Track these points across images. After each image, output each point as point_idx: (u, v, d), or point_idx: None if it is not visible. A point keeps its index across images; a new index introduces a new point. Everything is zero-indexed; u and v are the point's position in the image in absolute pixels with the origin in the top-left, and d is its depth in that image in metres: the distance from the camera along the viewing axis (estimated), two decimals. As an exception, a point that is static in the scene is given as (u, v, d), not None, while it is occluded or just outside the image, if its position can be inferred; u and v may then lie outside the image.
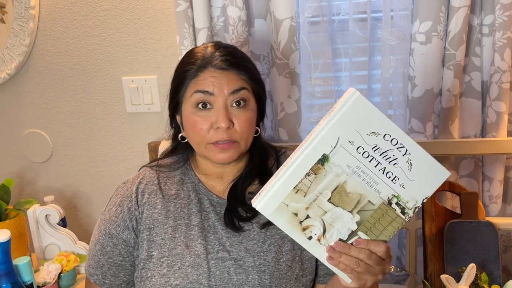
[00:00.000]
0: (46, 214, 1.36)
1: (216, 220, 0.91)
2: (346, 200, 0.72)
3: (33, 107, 1.61)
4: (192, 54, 0.91)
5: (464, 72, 1.33)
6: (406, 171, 0.72)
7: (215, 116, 0.86)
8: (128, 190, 0.95)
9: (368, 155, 0.71)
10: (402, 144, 0.71)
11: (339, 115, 0.69)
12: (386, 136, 0.71)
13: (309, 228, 0.72)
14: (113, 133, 1.59)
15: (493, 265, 1.24)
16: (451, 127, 1.34)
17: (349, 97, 0.69)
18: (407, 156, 0.71)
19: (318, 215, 0.72)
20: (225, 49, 0.90)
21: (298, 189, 0.71)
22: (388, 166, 0.71)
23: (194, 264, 0.87)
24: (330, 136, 0.70)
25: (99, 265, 0.95)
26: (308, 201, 0.72)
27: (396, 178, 0.72)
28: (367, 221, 0.73)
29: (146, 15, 1.46)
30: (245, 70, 0.89)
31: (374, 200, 0.72)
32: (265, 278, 0.87)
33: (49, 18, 1.51)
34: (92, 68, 1.54)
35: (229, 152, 0.87)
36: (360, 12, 1.34)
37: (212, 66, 0.87)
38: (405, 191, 0.72)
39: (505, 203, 1.42)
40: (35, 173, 1.67)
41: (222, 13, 1.37)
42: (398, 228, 0.74)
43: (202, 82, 0.87)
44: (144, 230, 0.91)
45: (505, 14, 1.22)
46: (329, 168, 0.71)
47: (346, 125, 0.70)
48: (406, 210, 0.73)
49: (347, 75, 1.41)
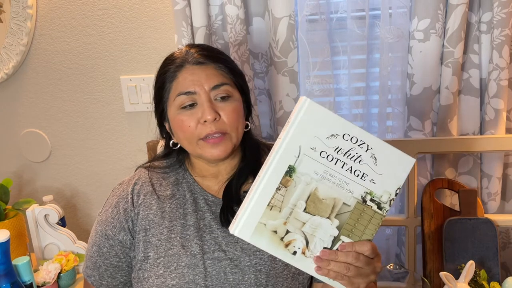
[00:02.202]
0: (45, 214, 1.36)
1: (211, 219, 0.91)
2: (321, 207, 0.72)
3: (31, 106, 1.60)
4: (168, 58, 0.93)
5: (462, 70, 1.33)
6: (373, 166, 0.72)
7: (201, 111, 0.87)
8: (124, 191, 0.95)
9: (332, 158, 0.72)
10: (362, 141, 0.72)
11: (296, 124, 0.71)
12: (345, 136, 0.71)
13: (291, 243, 0.72)
14: (112, 132, 1.59)
15: (492, 262, 1.24)
16: (450, 124, 1.34)
17: (302, 105, 0.70)
18: (370, 151, 0.72)
19: (298, 228, 0.72)
20: (199, 46, 0.93)
21: (272, 206, 0.71)
22: (354, 165, 0.72)
23: (190, 264, 0.87)
24: (291, 146, 0.71)
25: (96, 266, 0.95)
26: (285, 216, 0.71)
27: (364, 175, 0.73)
28: (347, 224, 0.73)
29: (144, 13, 1.46)
30: (222, 62, 0.90)
31: (349, 201, 0.73)
32: (261, 277, 0.87)
33: (46, 18, 1.51)
34: (90, 67, 1.53)
35: (221, 146, 0.87)
36: (358, 10, 1.34)
37: (188, 63, 0.89)
38: (376, 186, 0.73)
39: (504, 200, 1.43)
40: (34, 173, 1.67)
41: (220, 12, 1.36)
42: (379, 224, 0.74)
43: (182, 83, 0.88)
44: (140, 231, 0.91)
45: (503, 11, 1.22)
46: (298, 178, 0.71)
47: (304, 132, 0.71)
48: (382, 204, 0.73)
49: (345, 73, 1.41)
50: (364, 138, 0.72)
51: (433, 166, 1.42)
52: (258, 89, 1.44)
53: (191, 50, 0.90)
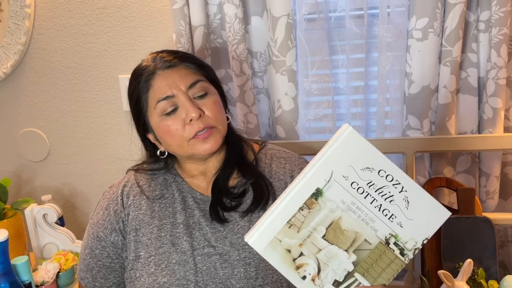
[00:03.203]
0: (43, 213, 1.36)
1: (200, 216, 0.92)
2: (342, 238, 0.70)
3: (29, 106, 1.60)
4: (136, 70, 0.93)
5: (460, 69, 1.33)
6: (404, 209, 0.70)
7: (184, 112, 0.87)
8: (114, 193, 0.97)
9: (363, 191, 0.69)
10: (398, 181, 0.69)
11: (333, 149, 0.69)
12: (381, 172, 0.69)
13: (303, 266, 0.70)
14: (110, 131, 1.58)
15: (490, 261, 1.25)
16: (448, 123, 1.34)
17: (343, 131, 0.69)
18: (403, 193, 0.69)
19: (313, 253, 0.70)
20: (164, 51, 0.93)
21: (291, 224, 0.69)
22: (384, 203, 0.70)
23: (180, 261, 0.88)
24: (323, 169, 0.69)
25: (88, 268, 0.97)
26: (302, 237, 0.69)
27: (393, 216, 0.70)
28: (364, 262, 0.70)
29: (142, 12, 1.45)
30: (190, 61, 0.92)
31: (371, 239, 0.70)
32: (250, 271, 0.88)
33: (44, 17, 1.51)
34: (88, 67, 1.53)
35: (212, 140, 0.88)
36: (356, 8, 1.34)
37: (159, 69, 0.89)
38: (403, 230, 0.70)
39: (502, 198, 1.43)
40: (32, 172, 1.67)
41: (219, 11, 1.36)
42: (398, 271, 0.71)
43: (158, 89, 0.88)
44: (131, 232, 0.93)
45: (501, 10, 1.22)
46: (323, 203, 0.69)
47: (340, 159, 0.69)
48: (405, 251, 0.70)
49: (344, 72, 1.41)
50: (401, 179, 0.69)
51: (431, 165, 1.42)
52: (256, 88, 1.44)
53: (158, 56, 0.91)
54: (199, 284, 0.87)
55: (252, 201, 0.92)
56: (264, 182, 0.94)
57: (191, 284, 0.87)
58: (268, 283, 0.88)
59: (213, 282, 0.87)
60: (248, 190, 0.94)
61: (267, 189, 0.93)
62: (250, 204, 0.92)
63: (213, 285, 0.87)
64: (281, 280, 0.89)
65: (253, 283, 0.87)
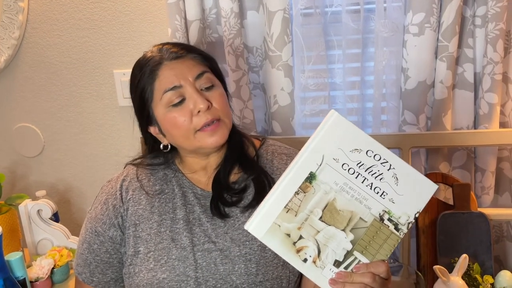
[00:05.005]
0: (38, 209, 1.35)
1: (201, 212, 0.92)
2: (338, 218, 0.73)
3: (23, 101, 1.59)
4: (141, 61, 0.92)
5: (457, 64, 1.33)
6: (393, 185, 0.73)
7: (192, 103, 0.86)
8: (112, 188, 0.96)
9: (353, 172, 0.73)
10: (385, 159, 0.73)
11: (321, 134, 0.73)
12: (369, 152, 0.73)
13: (303, 249, 0.72)
14: (105, 126, 1.58)
15: (485, 256, 1.25)
16: (444, 118, 1.34)
17: (329, 117, 0.74)
18: (392, 170, 0.73)
19: (311, 235, 0.73)
20: (169, 43, 0.93)
21: (288, 209, 0.73)
22: (375, 182, 0.73)
23: (180, 257, 0.88)
24: (314, 154, 0.73)
25: (86, 263, 0.96)
26: (300, 221, 0.72)
27: (384, 193, 0.73)
28: (361, 240, 0.73)
29: (137, 7, 1.44)
30: (196, 52, 0.92)
31: (366, 216, 0.73)
32: (251, 267, 0.87)
33: (38, 11, 1.49)
34: (83, 61, 1.52)
35: (219, 132, 0.88)
36: (353, 3, 1.34)
37: (166, 60, 0.89)
38: (395, 206, 0.73)
39: (497, 194, 1.44)
40: (27, 168, 1.66)
41: (214, 5, 1.35)
42: (394, 245, 0.74)
43: (165, 79, 0.87)
44: (130, 227, 0.92)
45: (497, 5, 1.22)
46: (317, 185, 0.73)
47: (329, 143, 0.73)
48: (399, 226, 0.74)
49: (340, 67, 1.41)
50: (388, 157, 0.73)
51: (427, 160, 1.42)
52: (252, 83, 1.43)
53: (164, 48, 0.90)
54: (199, 280, 0.87)
55: (254, 196, 0.91)
56: (266, 177, 0.93)
57: (191, 280, 0.87)
58: (268, 279, 0.88)
59: (213, 278, 0.87)
60: (249, 185, 0.93)
61: (269, 185, 0.92)
62: (251, 199, 0.91)
63: (213, 281, 0.87)
64: (281, 276, 0.89)
65: (254, 279, 0.87)
